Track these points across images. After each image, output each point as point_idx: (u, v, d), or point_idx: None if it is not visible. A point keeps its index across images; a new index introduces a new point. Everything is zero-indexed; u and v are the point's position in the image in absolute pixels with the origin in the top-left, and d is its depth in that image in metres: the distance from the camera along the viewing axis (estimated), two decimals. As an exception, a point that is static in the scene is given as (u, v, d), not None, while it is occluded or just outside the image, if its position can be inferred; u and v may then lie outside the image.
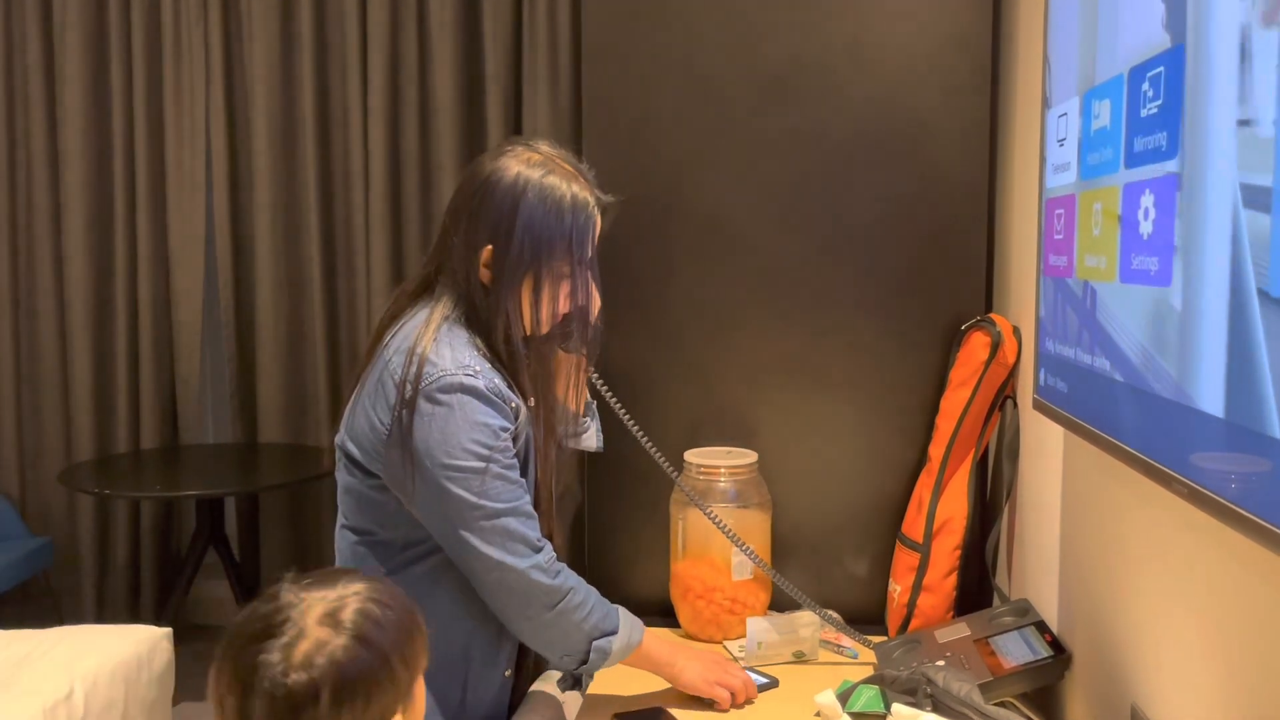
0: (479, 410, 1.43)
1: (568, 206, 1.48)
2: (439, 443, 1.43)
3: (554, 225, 1.48)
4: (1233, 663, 1.04)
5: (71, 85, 3.49)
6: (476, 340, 1.49)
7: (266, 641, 0.94)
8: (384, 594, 1.01)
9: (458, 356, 1.45)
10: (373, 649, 0.96)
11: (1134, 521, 1.31)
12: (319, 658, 0.93)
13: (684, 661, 1.64)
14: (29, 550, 3.37)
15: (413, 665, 1.00)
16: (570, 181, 1.50)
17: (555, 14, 3.27)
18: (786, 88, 1.95)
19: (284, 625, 0.95)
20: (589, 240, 1.51)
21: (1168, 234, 1.02)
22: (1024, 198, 1.84)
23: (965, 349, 1.89)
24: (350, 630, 0.95)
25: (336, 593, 1.00)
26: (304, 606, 0.97)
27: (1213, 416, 0.93)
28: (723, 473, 1.89)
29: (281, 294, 3.52)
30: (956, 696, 1.42)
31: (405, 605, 1.03)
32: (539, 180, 1.48)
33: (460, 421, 1.43)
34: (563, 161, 1.53)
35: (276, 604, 0.99)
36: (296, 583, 1.01)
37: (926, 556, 1.88)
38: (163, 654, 2.52)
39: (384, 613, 0.99)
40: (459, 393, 1.43)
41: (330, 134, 3.48)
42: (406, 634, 1.00)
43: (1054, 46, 1.44)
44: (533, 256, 1.48)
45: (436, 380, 1.43)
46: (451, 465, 1.43)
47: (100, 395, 3.60)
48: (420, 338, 1.46)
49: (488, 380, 1.45)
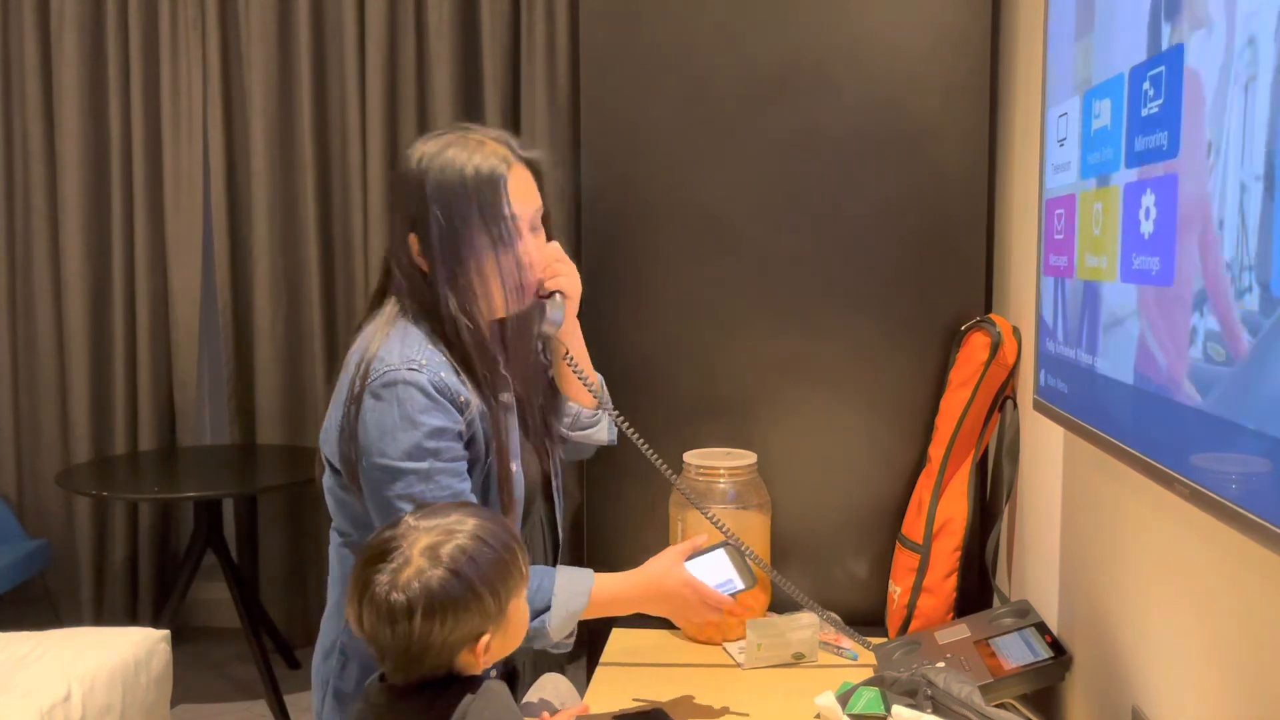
0: (419, 407, 1.41)
1: (470, 177, 1.45)
2: (376, 440, 1.42)
3: (460, 200, 1.45)
4: (1234, 663, 1.04)
5: (68, 86, 3.48)
6: (432, 335, 1.47)
7: (380, 564, 1.14)
8: (486, 532, 1.17)
9: (406, 352, 1.44)
10: (462, 580, 1.13)
11: (1135, 522, 1.31)
12: (415, 583, 1.12)
13: (652, 607, 1.61)
14: (26, 552, 3.36)
15: (503, 596, 1.17)
16: (474, 152, 1.47)
17: (553, 16, 3.27)
18: (785, 88, 1.94)
19: (395, 553, 1.14)
20: (500, 206, 1.46)
21: (1169, 233, 1.02)
22: (1024, 198, 1.83)
23: (965, 349, 1.89)
24: (446, 563, 1.13)
25: (445, 527, 1.17)
26: (414, 537, 1.15)
27: (1214, 416, 0.92)
28: (722, 474, 1.89)
29: (279, 295, 3.51)
30: (957, 698, 1.42)
31: (505, 543, 1.18)
32: (439, 156, 1.47)
33: (398, 419, 1.41)
34: (470, 134, 1.50)
35: (395, 531, 1.18)
36: (418, 516, 1.20)
37: (926, 557, 1.87)
38: (160, 656, 2.51)
39: (480, 549, 1.15)
40: (401, 386, 1.42)
41: (328, 135, 3.47)
42: (500, 569, 1.16)
43: (1053, 46, 1.44)
44: (450, 235, 1.45)
45: (381, 375, 1.43)
46: (382, 465, 1.42)
47: (98, 397, 3.59)
48: (374, 336, 1.48)
49: (432, 375, 1.43)
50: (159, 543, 3.64)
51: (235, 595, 3.20)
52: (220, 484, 3.23)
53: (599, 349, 2.00)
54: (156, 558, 3.63)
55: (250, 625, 3.15)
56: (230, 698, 3.25)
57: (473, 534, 1.16)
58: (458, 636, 1.14)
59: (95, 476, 3.26)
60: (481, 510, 1.22)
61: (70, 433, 3.59)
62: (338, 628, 1.54)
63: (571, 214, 3.26)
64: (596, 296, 2.01)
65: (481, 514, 1.21)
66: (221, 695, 3.27)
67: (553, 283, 1.57)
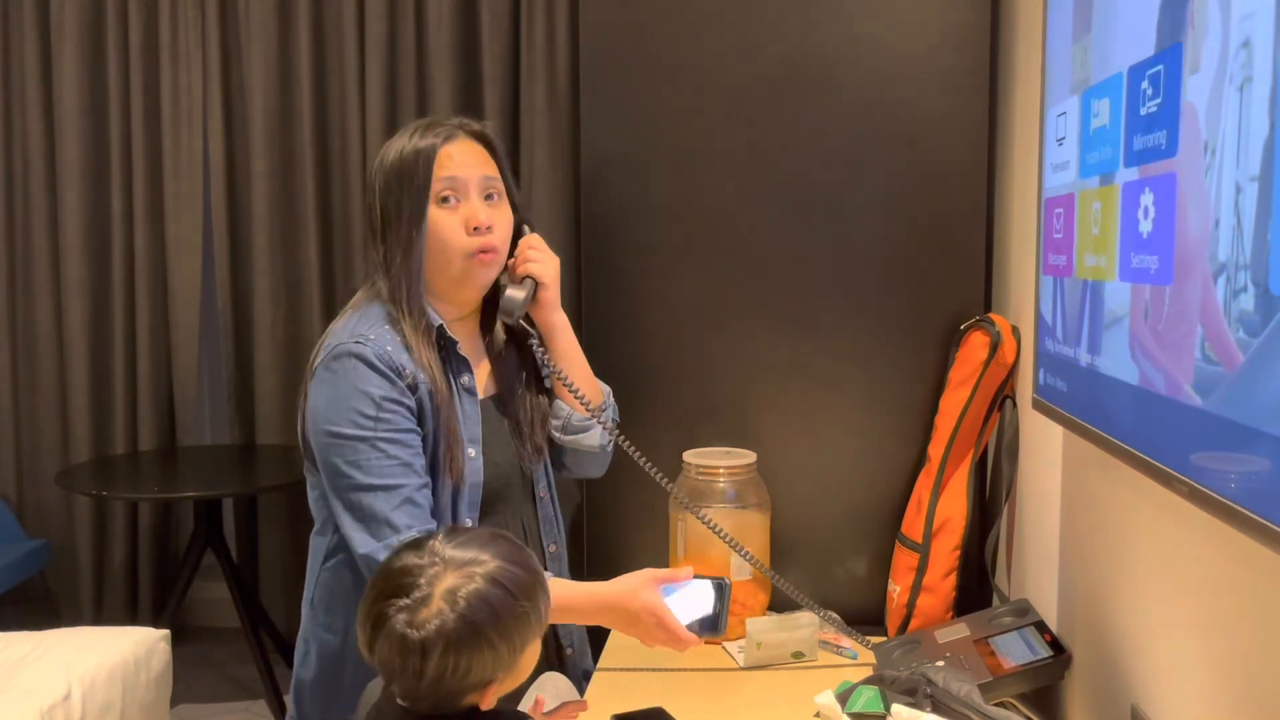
0: (363, 377, 1.44)
1: (406, 154, 1.49)
2: (324, 410, 1.45)
3: (393, 178, 1.49)
4: (1233, 662, 1.04)
5: (68, 87, 3.48)
6: (389, 312, 1.50)
7: (398, 597, 1.11)
8: (507, 576, 1.14)
9: (357, 328, 1.48)
10: (477, 629, 1.11)
11: (1134, 521, 1.31)
12: (431, 623, 1.10)
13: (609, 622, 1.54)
14: (26, 552, 3.36)
15: (518, 644, 1.15)
16: (414, 134, 1.51)
17: (553, 15, 3.27)
18: (785, 87, 1.94)
19: (416, 587, 1.12)
20: (428, 176, 1.48)
21: (1168, 232, 1.02)
22: (1023, 196, 1.83)
23: (964, 348, 1.89)
24: (463, 609, 1.11)
25: (469, 565, 1.14)
26: (437, 572, 1.12)
27: (1213, 415, 0.92)
28: (721, 473, 1.89)
29: (279, 295, 3.51)
30: (956, 697, 1.42)
31: (527, 587, 1.16)
32: (389, 145, 1.53)
33: (343, 387, 1.44)
34: (424, 122, 1.54)
35: (419, 560, 1.14)
36: (445, 541, 1.16)
37: (926, 556, 1.87)
38: (160, 655, 2.51)
39: (499, 596, 1.13)
40: (346, 358, 1.45)
41: (328, 135, 3.47)
42: (519, 619, 1.14)
43: (1052, 45, 1.44)
44: (385, 214, 1.50)
45: (331, 350, 1.47)
46: (330, 431, 1.45)
47: (98, 396, 3.59)
48: (337, 319, 1.53)
49: (378, 348, 1.45)
50: (159, 542, 3.64)
51: (235, 595, 3.20)
52: (220, 484, 3.23)
53: (598, 348, 2.00)
54: (156, 557, 3.63)
55: (250, 625, 3.15)
56: (230, 697, 3.26)
57: (493, 575, 1.13)
58: (469, 682, 1.13)
59: (95, 476, 3.27)
60: (506, 547, 1.18)
61: (70, 432, 3.59)
62: (310, 620, 1.58)
63: (572, 213, 3.27)
64: (596, 295, 2.01)
65: (505, 552, 1.17)
66: (221, 695, 3.27)
67: (524, 268, 1.58)
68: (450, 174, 1.49)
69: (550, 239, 3.49)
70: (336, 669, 1.55)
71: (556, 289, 1.61)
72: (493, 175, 1.54)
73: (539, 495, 1.66)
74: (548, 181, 3.29)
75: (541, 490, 1.67)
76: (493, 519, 1.57)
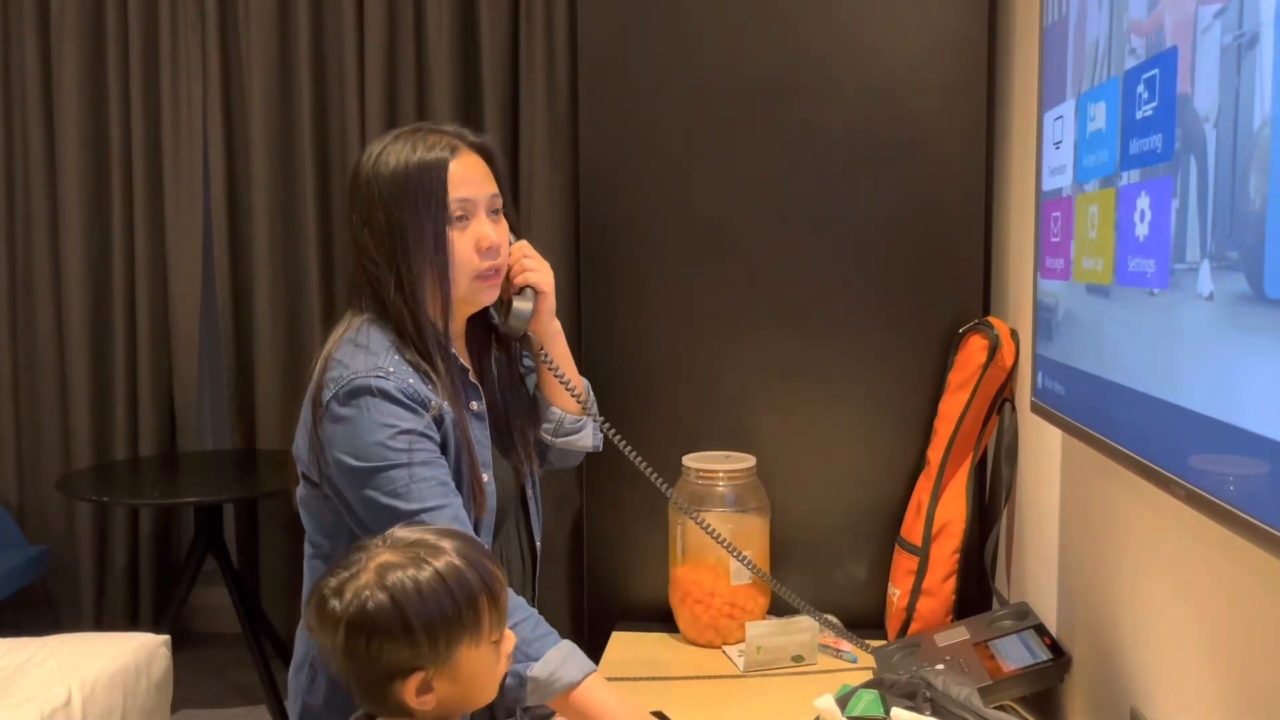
0: (388, 412, 1.38)
1: (413, 167, 1.42)
2: (348, 446, 1.39)
3: (402, 192, 1.42)
4: (1232, 665, 1.04)
5: (69, 91, 3.49)
6: (395, 338, 1.43)
7: (339, 568, 1.12)
8: (452, 573, 1.11)
9: (370, 359, 1.40)
10: (397, 611, 1.08)
11: (1133, 524, 1.31)
12: (354, 596, 1.09)
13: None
14: (27, 558, 3.36)
15: (443, 640, 1.10)
16: (418, 144, 1.44)
17: (552, 21, 3.27)
18: (783, 92, 1.95)
19: (356, 561, 1.12)
20: (444, 193, 1.42)
21: (1164, 236, 1.02)
22: (1021, 200, 1.84)
23: (963, 352, 1.89)
24: (389, 588, 1.08)
25: (415, 546, 1.13)
26: (378, 552, 1.12)
27: (1210, 418, 0.93)
28: (721, 477, 1.89)
29: (280, 300, 3.51)
30: (956, 700, 1.42)
31: (469, 590, 1.11)
32: (385, 153, 1.44)
33: (369, 424, 1.38)
34: (420, 129, 1.48)
35: (373, 540, 1.15)
36: (406, 526, 1.18)
37: (925, 560, 1.87)
38: (161, 661, 2.51)
39: (435, 587, 1.09)
40: (367, 395, 1.38)
41: (328, 140, 3.47)
42: (449, 613, 1.10)
43: (1049, 49, 1.44)
44: (394, 231, 1.42)
45: (347, 384, 1.39)
46: (360, 468, 1.38)
47: (98, 402, 3.59)
48: (335, 342, 1.45)
49: (399, 382, 1.39)
50: (159, 548, 3.64)
51: (236, 600, 3.20)
52: (221, 489, 3.23)
53: (597, 352, 2.00)
54: (157, 563, 3.63)
55: (251, 630, 3.15)
56: (230, 703, 3.25)
57: (435, 570, 1.10)
58: (384, 665, 1.09)
59: (96, 482, 3.26)
60: (468, 548, 1.15)
61: (71, 438, 3.59)
62: (309, 641, 1.52)
63: (571, 218, 3.27)
64: (596, 299, 2.01)
65: (463, 552, 1.14)
66: (222, 700, 3.27)
67: (522, 277, 1.53)
68: (463, 195, 1.43)
69: (550, 243, 3.50)
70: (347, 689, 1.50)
71: (553, 296, 1.58)
72: (496, 193, 1.49)
73: (529, 495, 1.65)
74: (547, 186, 3.29)
75: (529, 490, 1.65)
76: (500, 534, 1.56)
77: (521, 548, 1.63)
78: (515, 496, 1.60)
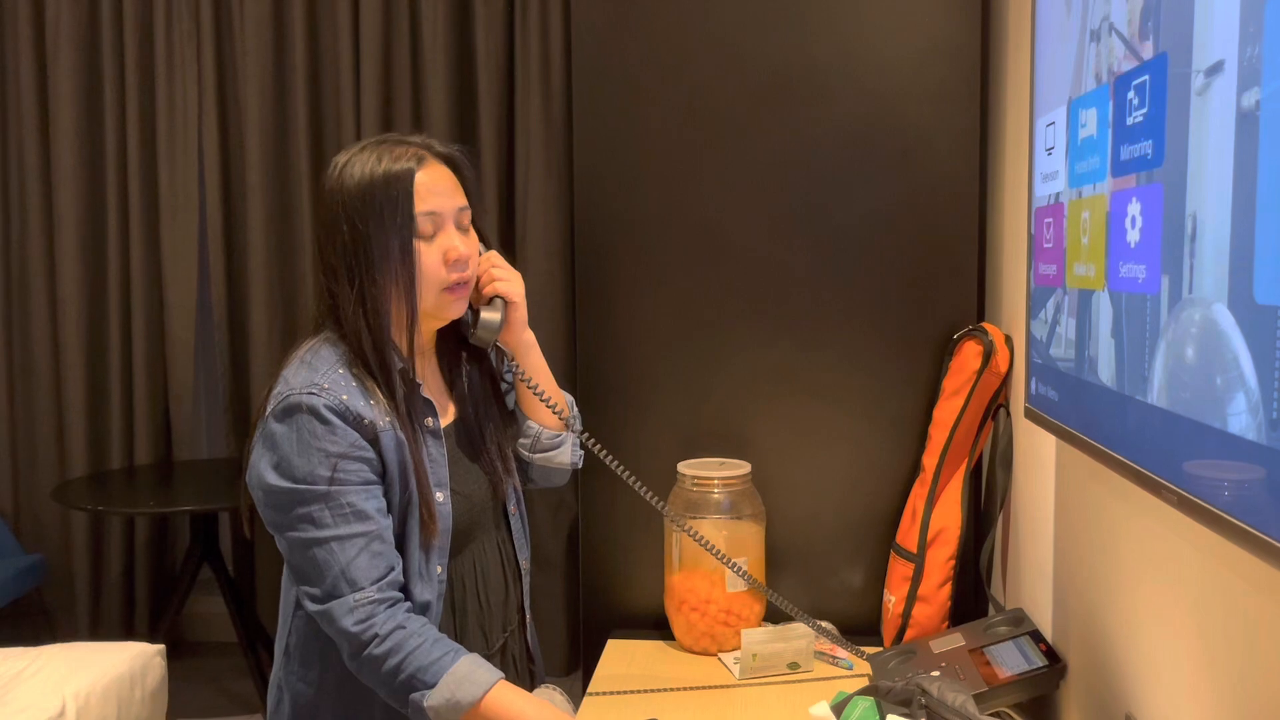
0: (316, 432, 1.35)
1: (378, 178, 1.39)
2: (274, 464, 1.36)
3: (367, 204, 1.38)
4: (1227, 671, 1.04)
5: (64, 100, 3.49)
6: (345, 354, 1.40)
7: None
8: None
9: (309, 374, 1.37)
10: None
11: (1127, 530, 1.31)
12: None
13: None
14: (22, 567, 3.36)
15: None
16: (383, 155, 1.41)
17: (547, 29, 3.28)
18: (777, 99, 1.95)
19: None
20: (409, 205, 1.39)
21: (1155, 241, 1.02)
22: (1015, 206, 1.84)
23: (958, 358, 1.89)
24: None
25: None
26: None
27: (1202, 424, 0.93)
28: (716, 484, 1.89)
29: (275, 309, 3.52)
30: (951, 707, 1.41)
31: None
32: (350, 164, 1.42)
33: (295, 443, 1.35)
34: (386, 140, 1.45)
35: None
36: None
37: (921, 566, 1.87)
38: (156, 671, 2.51)
39: None
40: (298, 413, 1.35)
41: (323, 149, 3.48)
42: None
43: (1041, 55, 1.45)
44: (358, 243, 1.38)
45: (281, 401, 1.37)
46: (280, 488, 1.35)
47: (93, 411, 3.59)
48: (287, 361, 1.42)
49: (332, 399, 1.35)
50: (155, 557, 3.64)
51: (231, 609, 3.19)
52: (216, 497, 3.22)
53: (592, 359, 2.00)
54: (152, 572, 3.63)
55: (246, 639, 3.15)
56: (226, 712, 3.25)
57: None
58: None
59: (91, 491, 3.26)
60: None
61: (66, 447, 3.59)
62: (283, 667, 1.49)
63: (566, 225, 3.27)
64: (591, 307, 2.01)
65: None
66: (217, 710, 3.26)
67: (491, 288, 1.50)
68: (430, 208, 1.40)
69: (544, 250, 3.51)
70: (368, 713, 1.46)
71: (524, 307, 1.54)
72: (464, 205, 1.46)
73: (510, 512, 1.61)
74: (541, 193, 3.30)
75: (512, 507, 1.61)
76: (461, 556, 1.50)
77: (504, 566, 1.58)
78: (491, 513, 1.55)
